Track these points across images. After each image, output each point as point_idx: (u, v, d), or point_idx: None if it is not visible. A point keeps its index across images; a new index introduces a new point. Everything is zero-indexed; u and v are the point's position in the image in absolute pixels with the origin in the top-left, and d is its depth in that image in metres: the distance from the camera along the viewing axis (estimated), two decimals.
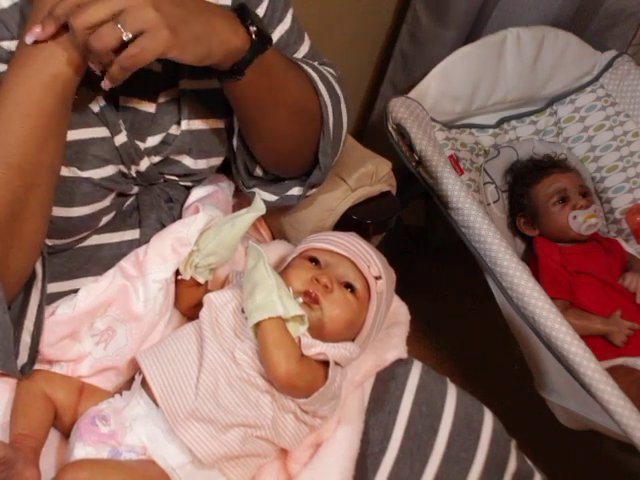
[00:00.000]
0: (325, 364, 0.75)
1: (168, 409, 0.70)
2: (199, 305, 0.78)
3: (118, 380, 0.80)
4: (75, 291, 0.80)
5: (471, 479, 0.80)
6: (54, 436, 0.76)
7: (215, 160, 0.89)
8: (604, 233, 1.67)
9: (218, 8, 0.71)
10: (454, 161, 1.52)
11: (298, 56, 0.91)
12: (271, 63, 0.76)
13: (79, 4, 0.61)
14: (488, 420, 0.84)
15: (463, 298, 1.82)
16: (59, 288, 0.81)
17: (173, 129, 0.83)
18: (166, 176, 0.87)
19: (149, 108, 0.80)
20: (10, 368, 0.69)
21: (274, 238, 1.09)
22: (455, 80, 1.52)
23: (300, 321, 0.74)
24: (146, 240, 0.83)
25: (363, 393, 0.84)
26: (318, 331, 0.76)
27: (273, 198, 0.93)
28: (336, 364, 0.76)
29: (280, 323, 0.72)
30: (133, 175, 0.82)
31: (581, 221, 1.50)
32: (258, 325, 0.73)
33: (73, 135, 0.74)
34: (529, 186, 1.59)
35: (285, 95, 0.80)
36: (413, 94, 1.47)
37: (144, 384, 0.74)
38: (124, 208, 0.86)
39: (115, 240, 0.85)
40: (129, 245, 0.85)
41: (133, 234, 0.85)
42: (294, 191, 0.93)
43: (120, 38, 0.61)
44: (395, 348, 0.87)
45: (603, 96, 1.71)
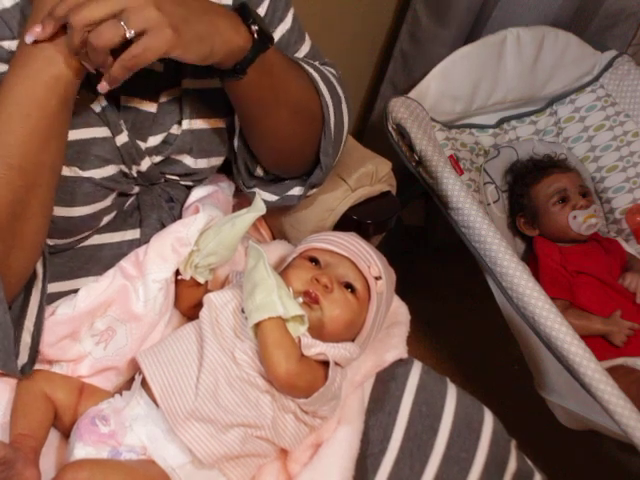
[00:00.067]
0: (325, 364, 0.75)
1: (168, 409, 0.70)
2: (199, 305, 0.78)
3: (118, 380, 0.80)
4: (76, 291, 0.80)
5: (471, 479, 0.80)
6: (54, 436, 0.76)
7: (216, 160, 0.89)
8: (604, 233, 1.67)
9: (220, 7, 0.71)
10: (454, 161, 1.52)
11: (299, 56, 0.91)
12: (273, 62, 0.76)
13: (79, 3, 0.61)
14: (488, 420, 0.84)
15: (463, 298, 1.81)
16: (60, 288, 0.81)
17: (174, 129, 0.82)
18: (167, 176, 0.87)
19: (150, 108, 0.80)
20: (10, 368, 0.69)
21: (274, 238, 1.09)
22: (455, 80, 1.51)
23: (300, 321, 0.74)
24: (146, 240, 0.83)
25: (363, 393, 0.84)
26: (318, 331, 0.76)
27: (273, 198, 0.93)
28: (336, 364, 0.76)
29: (280, 323, 0.72)
30: (134, 175, 0.82)
31: (581, 221, 1.50)
32: (258, 325, 0.73)
33: (74, 135, 0.73)
34: (529, 186, 1.59)
35: (286, 94, 0.80)
36: (413, 94, 1.47)
37: (144, 384, 0.74)
38: (125, 208, 0.86)
39: (116, 240, 0.84)
40: (129, 245, 0.85)
41: (134, 234, 0.85)
42: (295, 191, 0.92)
43: (123, 36, 0.61)
44: (395, 348, 0.87)
45: (603, 96, 1.71)
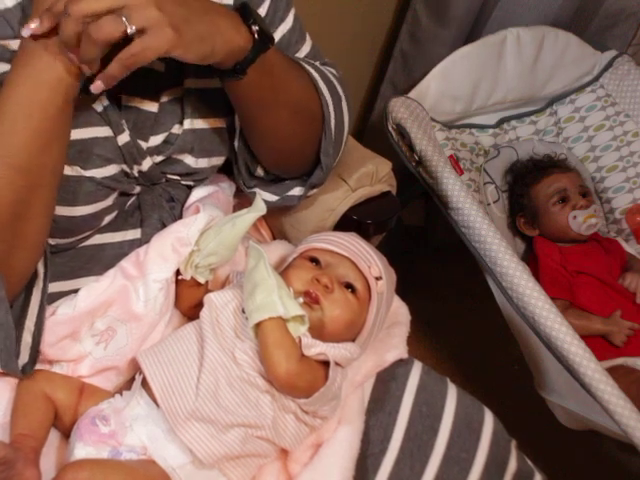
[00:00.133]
0: (325, 364, 0.75)
1: (168, 409, 0.70)
2: (199, 305, 0.78)
3: (118, 380, 0.80)
4: (76, 291, 0.80)
5: (471, 479, 0.80)
6: (54, 436, 0.76)
7: (216, 160, 0.89)
8: (604, 233, 1.67)
9: (221, 7, 0.70)
10: (454, 161, 1.52)
11: (300, 56, 0.91)
12: (273, 63, 0.76)
13: None
14: (488, 420, 0.84)
15: (463, 298, 1.81)
16: (60, 288, 0.81)
17: (175, 128, 0.82)
18: (168, 175, 0.87)
19: (152, 107, 0.80)
20: (12, 368, 0.69)
21: (275, 238, 1.09)
22: (455, 80, 1.51)
23: (300, 321, 0.74)
24: (147, 240, 0.83)
25: (363, 393, 0.84)
26: (318, 331, 0.76)
27: (274, 198, 0.93)
28: (336, 364, 0.76)
29: (280, 323, 0.72)
30: (135, 175, 0.82)
31: (581, 221, 1.50)
32: (258, 325, 0.73)
33: (76, 134, 0.73)
34: (529, 186, 1.59)
35: (287, 94, 0.80)
36: (413, 94, 1.47)
37: (144, 384, 0.74)
38: (126, 207, 0.86)
39: (117, 240, 0.84)
40: (130, 245, 0.85)
41: (134, 234, 0.85)
42: (295, 191, 0.92)
43: (123, 32, 0.60)
44: (395, 348, 0.87)
45: (603, 96, 1.71)
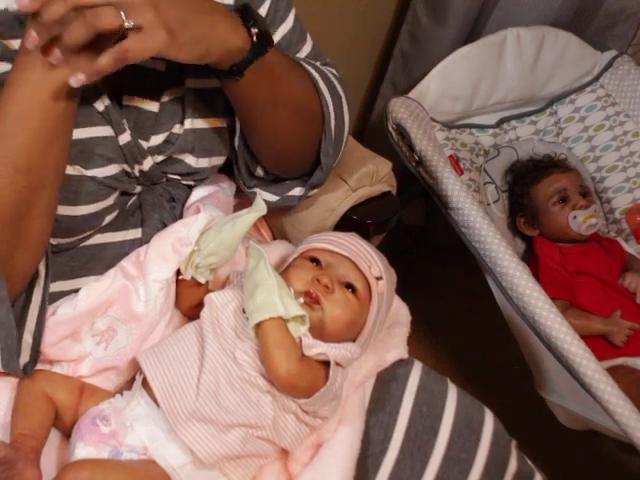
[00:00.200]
0: (326, 364, 0.75)
1: (169, 409, 0.70)
2: (200, 305, 0.79)
3: (119, 380, 0.80)
4: (77, 291, 0.80)
5: (472, 479, 0.80)
6: (55, 436, 0.76)
7: (217, 159, 0.89)
8: (604, 233, 1.67)
9: (221, 7, 0.70)
10: (454, 161, 1.52)
11: (300, 56, 0.91)
12: (272, 64, 0.75)
13: None
14: (489, 420, 0.84)
15: (463, 298, 1.81)
16: (61, 287, 0.81)
17: (176, 128, 0.82)
18: (168, 175, 0.87)
19: (152, 107, 0.80)
20: (13, 367, 0.69)
21: (275, 238, 1.09)
22: (455, 80, 1.51)
23: (301, 321, 0.74)
24: (147, 240, 0.83)
25: (364, 393, 0.84)
26: (319, 331, 0.76)
27: (274, 198, 0.93)
28: (337, 364, 0.76)
29: (281, 323, 0.72)
30: (136, 174, 0.82)
31: (581, 221, 1.50)
32: (259, 325, 0.73)
33: (78, 134, 0.73)
34: (529, 186, 1.59)
35: (286, 95, 0.80)
36: (413, 94, 1.47)
37: (145, 384, 0.74)
38: (127, 207, 0.86)
39: (118, 239, 0.84)
40: (131, 244, 0.85)
41: (135, 233, 0.85)
42: (295, 191, 0.92)
43: (120, 25, 0.60)
44: (396, 348, 0.87)
45: (603, 96, 1.71)
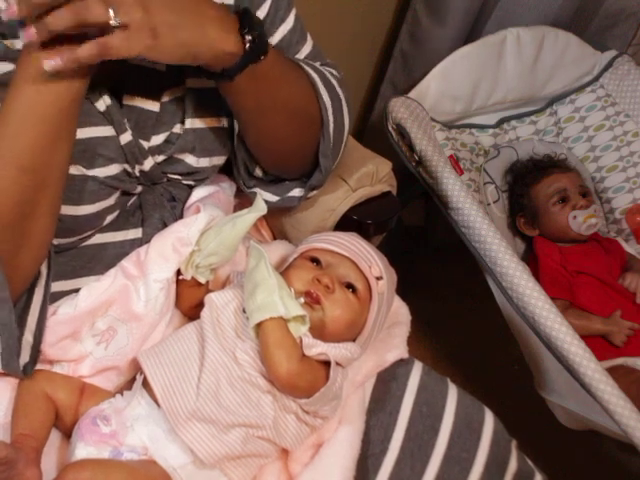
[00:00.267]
0: (326, 364, 0.75)
1: (169, 409, 0.70)
2: (200, 305, 0.79)
3: (119, 380, 0.80)
4: (77, 290, 0.80)
5: (472, 479, 0.80)
6: (55, 436, 0.76)
7: (218, 159, 0.89)
8: (604, 233, 1.67)
9: (215, 10, 0.69)
10: (454, 161, 1.52)
11: (300, 56, 0.91)
12: (267, 69, 0.74)
13: None
14: (489, 420, 0.84)
15: (463, 298, 1.81)
16: (62, 287, 0.81)
17: (177, 128, 0.82)
18: (169, 175, 0.87)
19: (153, 107, 0.80)
20: (13, 368, 0.69)
21: (275, 238, 1.09)
22: (455, 80, 1.51)
23: (301, 321, 0.74)
24: (148, 239, 0.83)
25: (364, 393, 0.85)
26: (319, 331, 0.76)
27: (274, 199, 0.93)
28: (337, 364, 0.76)
29: (281, 323, 0.72)
30: (137, 174, 0.82)
31: (581, 221, 1.50)
32: (259, 325, 0.73)
33: (79, 134, 0.73)
34: (529, 186, 1.59)
35: (282, 99, 0.79)
36: (413, 94, 1.47)
37: (145, 384, 0.74)
38: (127, 207, 0.86)
39: (118, 239, 0.84)
40: (131, 244, 0.85)
41: (136, 233, 0.85)
42: (295, 192, 0.92)
43: (106, 21, 0.59)
44: (396, 348, 0.87)
45: (603, 96, 1.71)
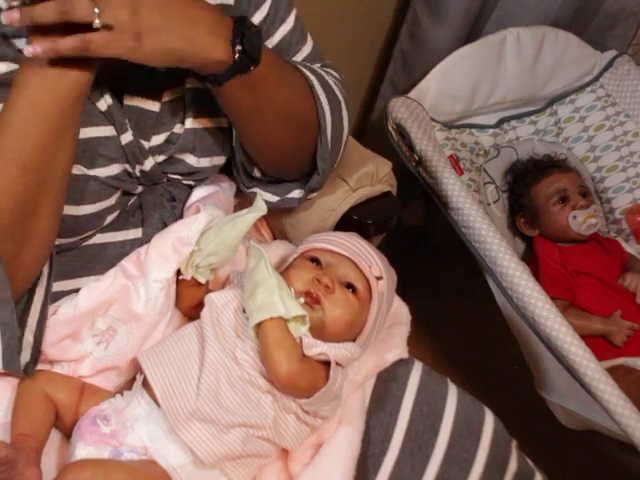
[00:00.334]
0: (326, 364, 0.75)
1: (169, 409, 0.70)
2: (200, 305, 0.79)
3: (119, 380, 0.80)
4: (78, 290, 0.80)
5: (472, 479, 0.80)
6: (55, 436, 0.76)
7: (218, 159, 0.89)
8: (604, 233, 1.67)
9: (210, 13, 0.68)
10: (454, 161, 1.52)
11: (300, 56, 0.91)
12: (261, 76, 0.73)
13: None
14: (489, 420, 0.84)
15: (463, 298, 1.81)
16: (62, 287, 0.81)
17: (177, 128, 0.82)
18: (169, 175, 0.87)
19: (153, 107, 0.80)
20: (14, 368, 0.69)
21: (275, 238, 1.09)
22: (455, 80, 1.51)
23: (301, 321, 0.74)
24: (148, 239, 0.83)
25: (364, 393, 0.85)
26: (319, 331, 0.76)
27: (274, 199, 0.93)
28: (337, 364, 0.76)
29: (281, 323, 0.72)
30: (137, 174, 0.82)
31: (581, 221, 1.50)
32: (259, 325, 0.73)
33: (80, 134, 0.73)
34: (529, 186, 1.59)
35: (277, 105, 0.79)
36: (413, 94, 1.47)
37: (145, 384, 0.74)
38: (127, 207, 0.86)
39: (119, 239, 0.84)
40: (132, 244, 0.85)
41: (136, 233, 0.85)
42: (295, 194, 0.92)
43: (89, 22, 0.59)
44: (396, 348, 0.87)
45: (603, 96, 1.71)
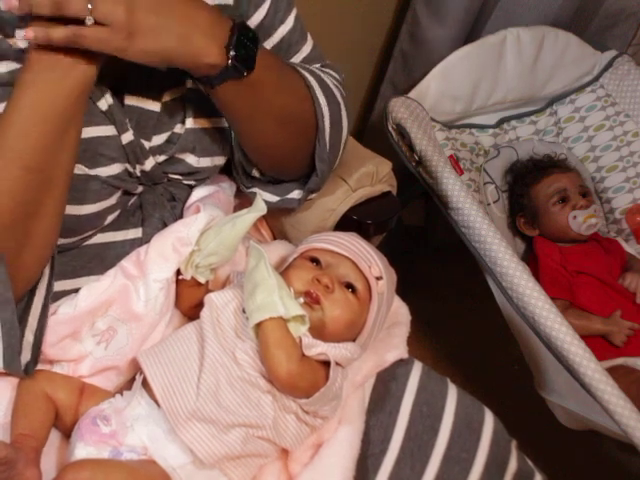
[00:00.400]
0: (326, 364, 0.75)
1: (169, 409, 0.70)
2: (200, 305, 0.79)
3: (119, 380, 0.80)
4: (78, 290, 0.80)
5: (472, 479, 0.80)
6: (55, 436, 0.76)
7: (218, 159, 0.89)
8: (604, 233, 1.67)
9: (207, 15, 0.68)
10: (454, 161, 1.52)
11: (300, 56, 0.91)
12: (257, 80, 0.73)
13: None
14: (489, 420, 0.84)
15: (463, 298, 1.81)
16: (62, 287, 0.81)
17: (178, 128, 0.82)
18: (170, 175, 0.87)
19: (154, 107, 0.80)
20: (15, 368, 0.69)
21: (275, 238, 1.08)
22: (455, 80, 1.51)
23: (301, 321, 0.74)
24: (148, 239, 0.83)
25: (364, 393, 0.85)
26: (319, 331, 0.76)
27: (274, 199, 0.93)
28: (337, 364, 0.76)
29: (281, 323, 0.72)
30: (138, 174, 0.82)
31: (581, 221, 1.50)
32: (259, 325, 0.73)
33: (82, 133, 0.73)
34: (529, 186, 1.59)
35: (274, 107, 0.79)
36: (413, 94, 1.47)
37: (145, 384, 0.74)
38: (128, 207, 0.86)
39: (119, 239, 0.84)
40: (131, 244, 0.85)
41: (136, 233, 0.85)
42: (294, 194, 0.92)
43: (82, 18, 0.60)
44: (396, 348, 0.87)
45: (603, 96, 1.71)
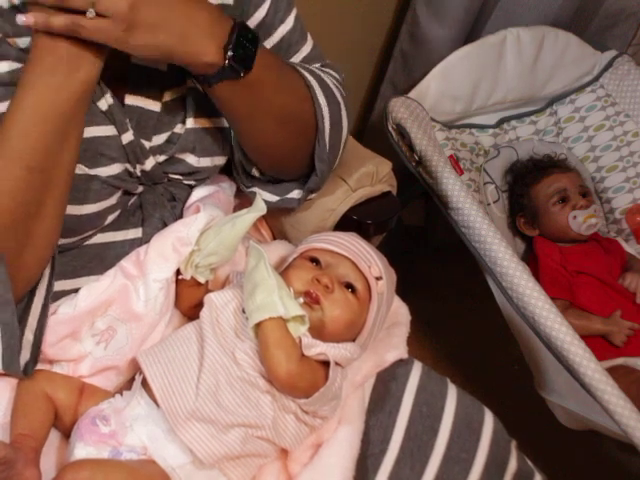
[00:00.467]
0: (326, 364, 0.75)
1: (169, 409, 0.70)
2: (200, 305, 0.79)
3: (118, 380, 0.80)
4: (77, 290, 0.80)
5: (471, 479, 0.80)
6: (54, 436, 0.76)
7: (219, 159, 0.89)
8: (604, 233, 1.67)
9: (208, 14, 0.68)
10: (454, 161, 1.52)
11: (300, 56, 0.90)
12: (256, 79, 0.73)
13: None
14: (488, 420, 0.84)
15: (463, 298, 1.81)
16: (62, 287, 0.81)
17: (178, 128, 0.82)
18: (170, 175, 0.87)
19: (154, 107, 0.80)
20: (14, 369, 0.69)
21: (275, 238, 1.08)
22: (455, 80, 1.52)
23: (301, 321, 0.74)
24: (148, 239, 0.83)
25: (363, 393, 0.85)
26: (319, 331, 0.76)
27: (274, 199, 0.93)
28: (337, 364, 0.76)
29: (281, 323, 0.72)
30: (138, 174, 0.82)
31: (581, 221, 1.50)
32: (259, 325, 0.73)
33: None
34: (529, 186, 1.59)
35: (273, 107, 0.79)
36: (413, 94, 1.47)
37: (144, 384, 0.74)
38: (128, 207, 0.86)
39: (119, 239, 0.84)
40: (131, 244, 0.85)
41: (136, 233, 0.85)
42: (294, 194, 0.92)
43: (83, 11, 0.60)
44: (395, 348, 0.87)
45: (603, 96, 1.71)
